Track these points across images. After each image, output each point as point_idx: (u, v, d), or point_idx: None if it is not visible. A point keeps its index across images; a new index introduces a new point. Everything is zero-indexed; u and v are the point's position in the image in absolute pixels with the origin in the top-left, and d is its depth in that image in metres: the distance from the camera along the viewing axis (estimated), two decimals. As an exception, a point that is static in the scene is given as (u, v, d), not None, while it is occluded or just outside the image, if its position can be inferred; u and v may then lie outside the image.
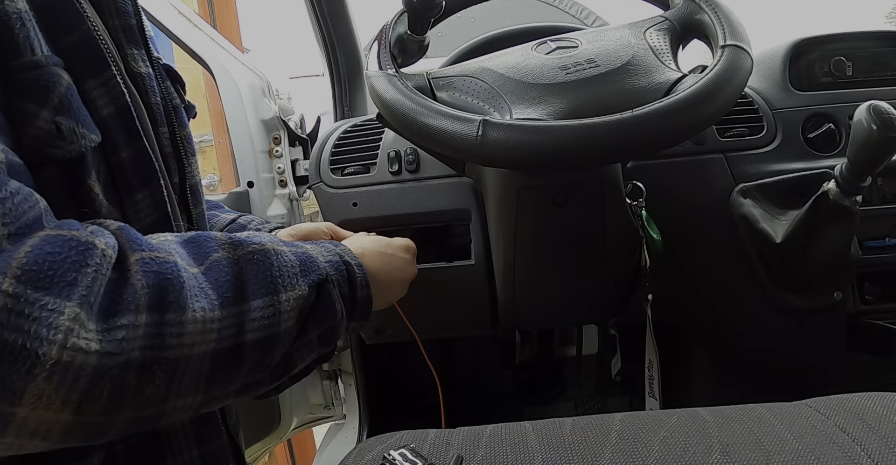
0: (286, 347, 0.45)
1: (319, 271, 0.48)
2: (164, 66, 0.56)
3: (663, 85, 0.60)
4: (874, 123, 0.63)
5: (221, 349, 0.39)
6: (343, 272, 0.52)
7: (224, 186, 1.61)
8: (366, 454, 0.52)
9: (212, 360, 0.39)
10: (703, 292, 0.92)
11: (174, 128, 0.53)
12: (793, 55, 0.90)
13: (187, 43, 0.98)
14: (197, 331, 0.37)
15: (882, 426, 0.46)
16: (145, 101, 0.50)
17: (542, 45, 0.68)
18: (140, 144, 0.44)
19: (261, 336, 0.42)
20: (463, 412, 1.30)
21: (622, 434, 0.49)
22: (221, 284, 0.41)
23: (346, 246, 0.56)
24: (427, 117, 0.59)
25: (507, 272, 0.82)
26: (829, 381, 0.91)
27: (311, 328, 0.47)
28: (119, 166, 0.43)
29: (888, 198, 0.85)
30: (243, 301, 0.41)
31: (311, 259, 0.49)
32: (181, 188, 0.55)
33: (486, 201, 0.83)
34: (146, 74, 0.50)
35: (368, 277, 0.54)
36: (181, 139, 0.54)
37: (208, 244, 0.43)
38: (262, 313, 0.42)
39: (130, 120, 0.43)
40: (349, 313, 0.52)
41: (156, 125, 0.51)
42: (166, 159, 0.52)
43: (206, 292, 0.39)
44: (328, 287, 0.49)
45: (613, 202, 0.72)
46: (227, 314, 0.40)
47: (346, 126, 0.98)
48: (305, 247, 0.51)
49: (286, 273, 0.45)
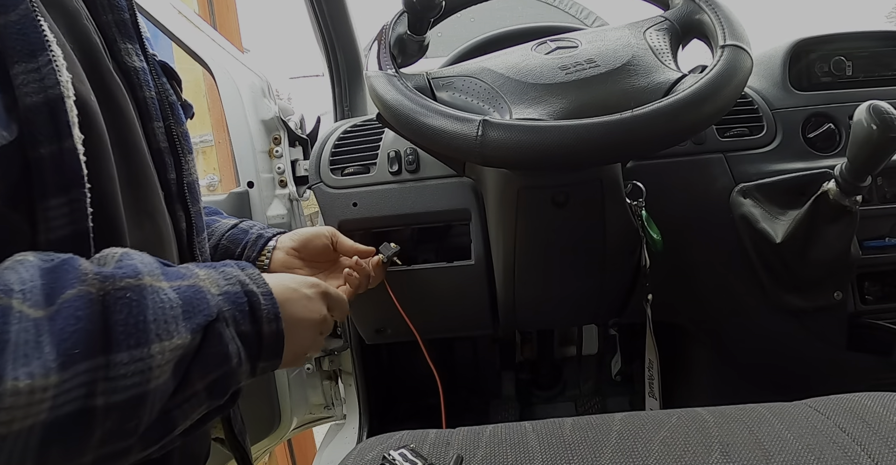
0: (160, 404, 0.37)
1: (207, 311, 0.40)
2: (160, 62, 0.55)
3: (663, 85, 0.60)
4: (874, 123, 0.63)
5: (59, 418, 0.31)
6: (243, 305, 0.44)
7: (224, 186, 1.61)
8: (366, 454, 0.52)
9: (44, 432, 0.31)
10: (702, 292, 0.91)
11: (170, 123, 0.52)
12: (793, 55, 0.90)
13: (187, 43, 0.98)
14: (18, 404, 0.29)
15: (882, 426, 0.46)
16: (138, 95, 0.49)
17: (542, 45, 0.68)
18: (67, 143, 0.38)
19: (121, 398, 0.34)
20: (463, 412, 1.30)
21: (622, 434, 0.49)
22: (70, 334, 0.32)
23: (255, 270, 0.48)
24: (427, 117, 0.59)
25: (507, 272, 0.82)
26: (829, 381, 0.91)
27: (196, 379, 0.40)
28: (37, 165, 0.37)
29: (888, 198, 0.85)
30: (98, 355, 0.33)
31: (198, 295, 0.40)
32: (178, 185, 0.53)
33: (486, 201, 0.83)
34: (140, 68, 0.49)
35: (280, 308, 0.46)
36: (177, 136, 0.53)
37: (67, 276, 0.34)
38: (124, 369, 0.34)
39: (60, 113, 0.37)
40: (252, 353, 0.44)
41: (149, 119, 0.49)
42: (161, 155, 0.50)
43: (43, 349, 0.31)
44: (218, 327, 0.41)
45: (613, 202, 0.72)
46: (70, 376, 0.31)
47: (346, 126, 0.98)
48: (197, 276, 0.43)
49: (163, 317, 0.37)
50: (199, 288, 0.41)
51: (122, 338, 0.34)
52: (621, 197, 0.73)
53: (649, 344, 0.83)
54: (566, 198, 0.71)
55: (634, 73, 0.61)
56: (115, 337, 0.34)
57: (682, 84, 0.59)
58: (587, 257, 0.81)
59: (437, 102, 0.62)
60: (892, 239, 0.85)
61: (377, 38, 0.69)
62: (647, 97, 0.58)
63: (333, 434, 1.13)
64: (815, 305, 0.84)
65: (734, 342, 0.96)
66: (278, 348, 0.46)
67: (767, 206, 0.81)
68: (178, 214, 0.53)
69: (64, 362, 0.31)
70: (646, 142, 0.55)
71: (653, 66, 0.62)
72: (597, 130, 0.53)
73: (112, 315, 0.34)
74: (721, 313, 0.93)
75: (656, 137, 0.55)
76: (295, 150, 1.04)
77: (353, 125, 0.98)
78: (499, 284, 0.86)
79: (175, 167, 0.52)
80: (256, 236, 0.74)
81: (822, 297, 0.83)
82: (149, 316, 0.36)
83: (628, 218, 0.76)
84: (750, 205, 0.81)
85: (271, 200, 1.03)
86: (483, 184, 0.82)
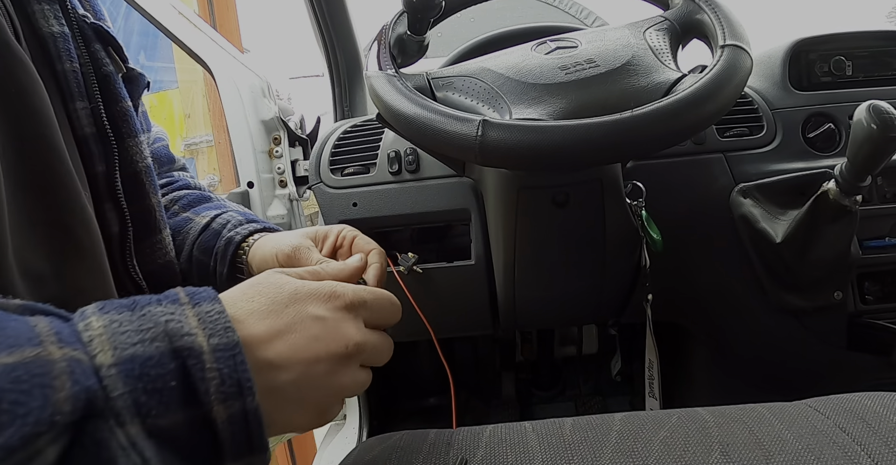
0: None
1: (36, 416, 0.21)
2: (91, 25, 0.44)
3: (663, 85, 0.60)
4: (874, 122, 0.63)
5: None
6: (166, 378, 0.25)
7: (224, 186, 1.61)
8: (366, 454, 0.52)
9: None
10: (703, 292, 0.91)
11: (98, 102, 0.42)
12: (793, 55, 0.90)
13: (187, 43, 0.98)
14: None
15: (882, 426, 0.46)
16: (56, 68, 0.40)
17: (542, 46, 0.68)
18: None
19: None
20: (463, 412, 1.30)
21: (622, 434, 0.49)
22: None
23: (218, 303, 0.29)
24: (427, 118, 0.59)
25: (507, 272, 0.82)
26: (829, 381, 0.91)
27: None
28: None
29: (888, 198, 0.85)
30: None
31: (27, 383, 0.22)
32: (108, 179, 0.43)
33: (486, 201, 0.83)
34: (58, 35, 0.40)
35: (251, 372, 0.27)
36: (111, 116, 0.43)
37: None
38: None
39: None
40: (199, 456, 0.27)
41: (70, 99, 0.40)
42: (86, 143, 0.41)
43: None
44: (97, 429, 0.23)
45: (613, 202, 0.72)
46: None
47: (346, 126, 0.98)
48: (69, 333, 0.25)
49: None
50: (37, 371, 0.22)
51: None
52: (621, 197, 0.73)
53: (649, 344, 0.83)
54: (566, 198, 0.71)
55: (634, 73, 0.61)
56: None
57: (682, 84, 0.59)
58: (587, 257, 0.81)
59: (436, 102, 0.62)
60: (892, 239, 0.85)
61: (377, 38, 0.69)
62: (647, 97, 0.58)
63: (333, 434, 1.13)
64: (815, 305, 0.84)
65: (734, 342, 0.96)
66: (251, 440, 0.27)
67: (767, 206, 0.81)
68: (108, 216, 0.43)
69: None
70: (646, 142, 0.55)
71: (653, 66, 0.62)
72: (597, 130, 0.53)
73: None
74: (721, 313, 0.93)
75: (656, 136, 0.54)
76: (295, 150, 1.05)
77: (353, 125, 0.98)
78: (499, 284, 0.86)
79: (104, 158, 0.42)
80: (226, 242, 0.56)
81: (822, 297, 0.83)
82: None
83: (628, 218, 0.76)
84: (750, 205, 0.81)
85: (271, 201, 1.03)
86: (483, 184, 0.82)
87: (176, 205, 0.63)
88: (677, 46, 0.67)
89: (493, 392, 1.34)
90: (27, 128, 0.35)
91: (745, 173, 0.83)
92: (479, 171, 0.80)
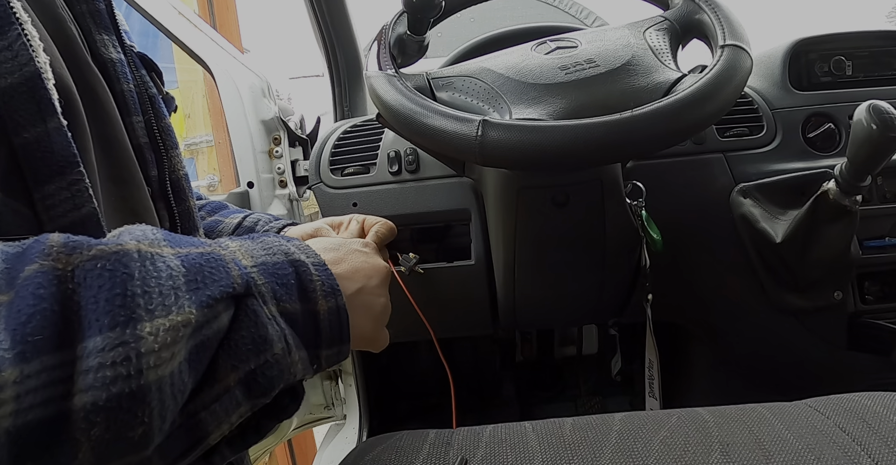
0: (175, 405, 0.29)
1: (225, 282, 0.32)
2: (138, 54, 0.52)
3: (663, 85, 0.60)
4: (874, 122, 0.63)
5: (28, 425, 0.24)
6: (287, 278, 0.37)
7: (224, 186, 1.61)
8: (366, 454, 0.52)
9: (11, 445, 0.24)
10: (703, 292, 0.91)
11: (150, 117, 0.49)
12: (793, 55, 0.90)
13: (187, 43, 0.98)
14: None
15: (882, 426, 0.46)
16: (116, 88, 0.46)
17: (542, 46, 0.68)
18: (52, 123, 0.34)
19: (105, 397, 0.26)
20: (463, 412, 1.30)
21: (622, 434, 0.49)
22: (29, 317, 0.25)
23: (301, 242, 0.42)
24: (427, 118, 0.59)
25: (507, 272, 0.82)
26: (829, 381, 0.91)
27: (225, 371, 0.32)
28: (24, 150, 0.33)
29: (888, 198, 0.85)
30: (69, 342, 0.26)
31: (212, 263, 0.33)
32: (160, 181, 0.49)
33: (486, 201, 0.83)
34: (117, 60, 0.47)
35: (336, 280, 0.40)
36: (159, 130, 0.50)
37: (30, 253, 0.28)
38: (102, 358, 0.26)
39: (40, 91, 0.33)
40: (306, 339, 0.37)
41: (127, 113, 0.46)
42: (141, 151, 0.47)
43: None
44: (251, 305, 0.34)
45: (613, 202, 0.72)
46: (35, 370, 0.25)
47: (345, 126, 0.98)
48: (222, 246, 0.36)
49: (156, 288, 0.29)
50: (216, 256, 0.34)
51: (96, 318, 0.27)
52: (621, 197, 0.73)
53: (649, 344, 0.83)
54: (566, 198, 0.71)
55: (634, 73, 0.61)
56: (87, 317, 0.27)
57: (681, 84, 0.59)
58: (587, 257, 0.81)
59: (436, 102, 0.62)
60: (892, 239, 0.85)
61: (377, 38, 0.69)
62: (647, 97, 0.58)
63: (333, 434, 1.13)
64: (815, 305, 0.84)
65: (734, 342, 0.96)
66: (342, 331, 0.39)
67: (767, 206, 0.81)
68: (161, 213, 0.50)
69: (23, 353, 0.24)
70: (646, 142, 0.55)
71: (653, 66, 0.62)
72: (597, 130, 0.53)
73: (83, 292, 0.27)
74: (721, 313, 0.93)
75: (656, 136, 0.55)
76: (295, 150, 1.04)
77: (353, 125, 0.98)
78: (499, 284, 0.86)
79: (156, 164, 0.49)
80: (263, 232, 0.69)
81: (822, 297, 0.83)
82: (133, 289, 0.28)
83: (628, 218, 0.76)
84: (750, 205, 0.81)
85: (271, 201, 1.03)
86: (483, 184, 0.82)
87: (202, 210, 0.73)
88: (677, 46, 0.67)
89: (493, 392, 1.34)
90: (106, 129, 0.42)
91: (745, 173, 0.83)
92: (479, 171, 0.80)
